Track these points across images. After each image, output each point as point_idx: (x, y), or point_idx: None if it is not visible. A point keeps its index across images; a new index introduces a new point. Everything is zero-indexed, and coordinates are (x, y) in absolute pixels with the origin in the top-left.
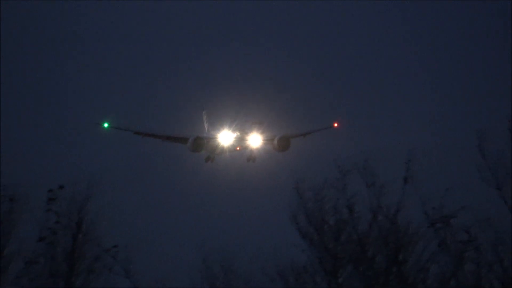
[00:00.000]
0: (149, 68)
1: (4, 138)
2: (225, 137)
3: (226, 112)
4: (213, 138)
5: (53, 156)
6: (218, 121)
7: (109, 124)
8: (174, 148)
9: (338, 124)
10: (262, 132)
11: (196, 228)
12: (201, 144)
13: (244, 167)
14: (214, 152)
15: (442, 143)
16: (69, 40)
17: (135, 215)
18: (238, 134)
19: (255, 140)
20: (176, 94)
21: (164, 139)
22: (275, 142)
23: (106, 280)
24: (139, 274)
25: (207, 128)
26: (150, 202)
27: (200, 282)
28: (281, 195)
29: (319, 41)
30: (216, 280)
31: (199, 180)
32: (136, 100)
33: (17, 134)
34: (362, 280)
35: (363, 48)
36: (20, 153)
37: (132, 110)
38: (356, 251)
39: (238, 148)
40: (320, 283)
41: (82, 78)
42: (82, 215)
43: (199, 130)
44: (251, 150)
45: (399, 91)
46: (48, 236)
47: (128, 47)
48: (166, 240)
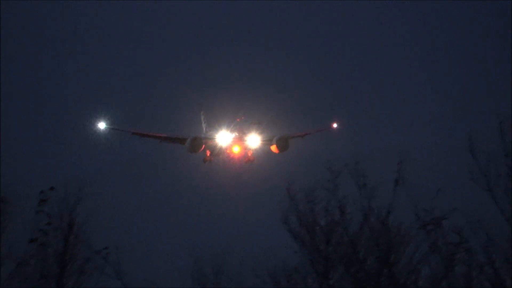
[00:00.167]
0: (146, 68)
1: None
2: (223, 137)
3: (224, 112)
4: (211, 139)
5: (47, 157)
6: (216, 121)
7: (106, 125)
8: (172, 149)
9: (336, 124)
10: (261, 133)
11: (188, 229)
12: (199, 144)
13: (241, 168)
14: (212, 152)
15: (433, 144)
16: (67, 40)
17: (126, 216)
18: (237, 134)
19: (254, 140)
20: (174, 95)
21: (162, 139)
22: (274, 143)
23: (97, 282)
24: (130, 275)
25: (205, 129)
26: (143, 203)
27: (191, 283)
28: (273, 197)
29: (318, 41)
30: (207, 281)
31: (194, 181)
32: (133, 100)
33: (14, 135)
34: (354, 281)
35: (361, 48)
36: (14, 153)
37: (130, 110)
38: (347, 253)
39: (237, 149)
40: (312, 284)
41: (79, 78)
42: (74, 216)
43: (197, 131)
44: (250, 151)
45: (390, 92)
46: (39, 238)
47: (125, 47)
48: (158, 241)
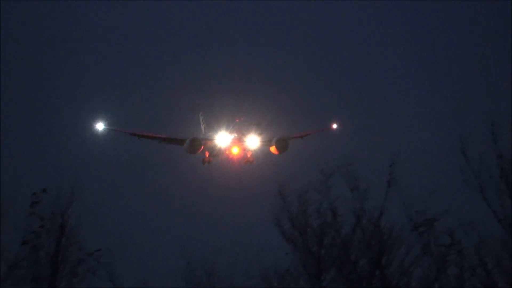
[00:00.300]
0: (145, 69)
1: None
2: (222, 138)
3: (223, 113)
4: (210, 140)
5: (40, 159)
6: (215, 122)
7: (104, 125)
8: (167, 150)
9: (336, 125)
10: (260, 134)
11: (180, 231)
12: (198, 145)
13: (240, 169)
14: (211, 154)
15: (425, 146)
16: (66, 40)
17: (119, 218)
18: (236, 135)
19: (253, 141)
20: (172, 95)
21: (161, 140)
22: (273, 144)
23: (90, 283)
24: (123, 277)
25: (203, 130)
26: (136, 205)
27: (184, 285)
28: (265, 198)
29: (317, 41)
30: (200, 283)
31: (188, 183)
32: (132, 100)
33: (8, 135)
34: (346, 283)
35: (361, 48)
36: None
37: (128, 111)
38: (339, 254)
39: (236, 150)
40: (304, 286)
41: (77, 78)
42: (66, 218)
43: (195, 132)
44: (249, 152)
45: (382, 94)
46: (31, 240)
47: (124, 47)
48: (150, 243)
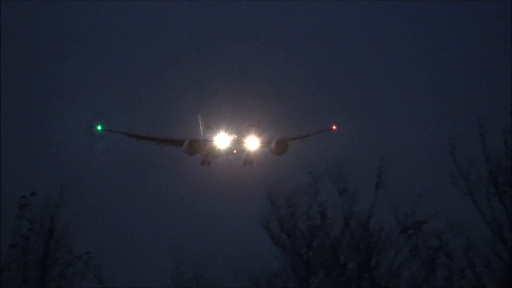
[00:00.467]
0: (143, 69)
1: None
2: (221, 140)
3: (222, 114)
4: (209, 141)
5: (31, 161)
6: (214, 123)
7: (102, 127)
8: (165, 152)
9: (336, 126)
10: (260, 135)
11: (170, 234)
12: (197, 146)
13: (233, 171)
14: (210, 155)
15: (414, 149)
16: (65, 40)
17: (108, 221)
18: (235, 137)
19: (253, 143)
20: (171, 96)
21: (159, 141)
22: (273, 145)
23: (79, 286)
24: (112, 280)
25: (202, 131)
26: (125, 207)
27: (173, 287)
28: (254, 201)
29: (317, 41)
30: (189, 285)
31: (178, 186)
32: (130, 102)
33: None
34: (334, 285)
35: (360, 49)
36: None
37: (126, 112)
38: (328, 257)
39: (235, 152)
40: None
41: (75, 79)
42: (55, 221)
43: (194, 133)
44: (248, 153)
45: (369, 96)
46: (20, 243)
47: (124, 47)
48: (139, 246)
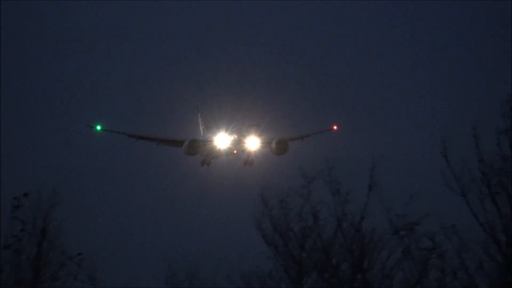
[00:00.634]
0: (143, 69)
1: None
2: (221, 140)
3: (222, 114)
4: (209, 141)
5: (22, 163)
6: (214, 123)
7: (101, 127)
8: (162, 153)
9: (337, 126)
10: (260, 135)
11: (162, 235)
12: (197, 147)
13: (231, 171)
14: (210, 155)
15: (407, 150)
16: (64, 40)
17: (100, 222)
18: (236, 137)
19: (253, 143)
20: (171, 96)
21: (159, 142)
22: (273, 146)
23: (71, 287)
24: (104, 281)
25: (202, 131)
26: (117, 208)
27: None
28: (247, 202)
29: (317, 42)
30: (182, 287)
31: (170, 187)
32: (129, 102)
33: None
34: (327, 287)
35: (359, 49)
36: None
37: (126, 112)
38: (321, 258)
39: (235, 152)
40: None
41: (74, 79)
42: (47, 222)
43: (194, 133)
44: (249, 154)
45: (363, 97)
46: (13, 244)
47: (122, 48)
48: (132, 247)
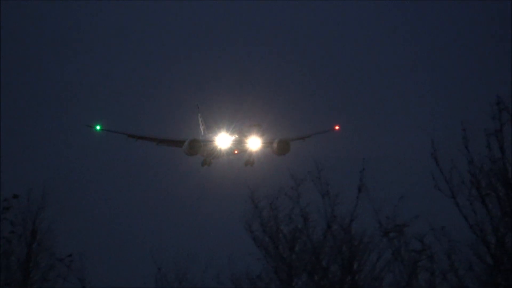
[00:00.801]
0: (143, 69)
1: None
2: (222, 140)
3: (223, 114)
4: (210, 141)
5: (12, 164)
6: (215, 123)
7: (101, 127)
8: (166, 153)
9: (339, 127)
10: (261, 135)
11: (151, 236)
12: (197, 147)
13: (232, 171)
14: (211, 155)
15: (397, 151)
16: (64, 40)
17: (90, 223)
18: (237, 137)
19: (254, 143)
20: (171, 96)
21: (158, 142)
22: (275, 146)
23: None
24: (94, 283)
25: (202, 131)
26: (106, 210)
27: None
28: (237, 203)
29: (318, 42)
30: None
31: (160, 188)
32: (129, 102)
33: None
34: None
35: (359, 49)
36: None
37: (126, 112)
38: (310, 260)
39: (236, 152)
40: None
41: (74, 79)
42: (37, 224)
43: (194, 133)
44: (250, 154)
45: (353, 98)
46: (2, 246)
47: (122, 48)
48: (121, 248)
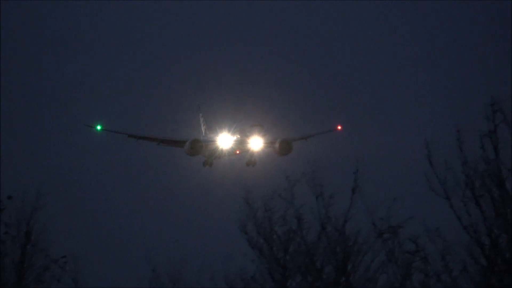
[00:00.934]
0: (143, 69)
1: None
2: (224, 140)
3: (224, 114)
4: (211, 141)
5: (10, 165)
6: (216, 123)
7: (101, 127)
8: (166, 153)
9: (341, 127)
10: (263, 135)
11: (146, 237)
12: (199, 147)
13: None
14: (212, 156)
15: (391, 152)
16: (64, 40)
17: (84, 224)
18: (238, 137)
19: (256, 143)
20: (172, 96)
21: (159, 142)
22: (277, 146)
23: None
24: (88, 284)
25: (204, 131)
26: (101, 211)
27: None
28: (231, 205)
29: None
30: None
31: (154, 188)
32: (129, 102)
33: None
34: None
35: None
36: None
37: (126, 112)
38: (305, 261)
39: (238, 152)
40: None
41: (74, 79)
42: (31, 225)
43: (196, 133)
44: (252, 154)
45: (348, 99)
46: None
47: (122, 48)
48: (115, 250)
